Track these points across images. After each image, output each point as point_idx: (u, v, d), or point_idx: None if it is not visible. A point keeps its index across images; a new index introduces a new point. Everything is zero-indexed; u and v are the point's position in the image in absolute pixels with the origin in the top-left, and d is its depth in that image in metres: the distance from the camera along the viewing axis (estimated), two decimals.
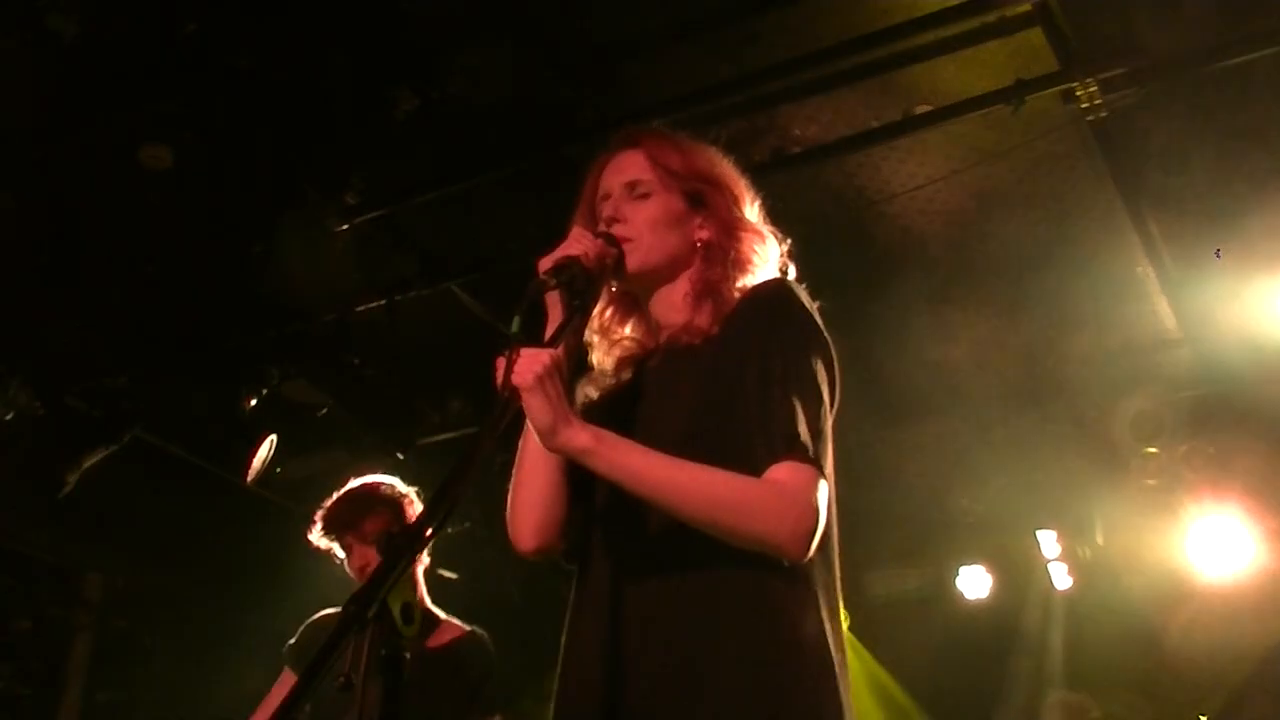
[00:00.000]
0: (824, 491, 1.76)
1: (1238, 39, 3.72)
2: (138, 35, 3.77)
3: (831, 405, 1.89)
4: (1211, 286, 4.85)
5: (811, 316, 1.92)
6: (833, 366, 1.91)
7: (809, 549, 1.73)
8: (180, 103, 3.97)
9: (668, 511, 1.76)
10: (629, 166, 2.08)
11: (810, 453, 1.76)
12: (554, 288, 1.88)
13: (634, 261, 2.00)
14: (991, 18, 3.72)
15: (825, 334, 1.92)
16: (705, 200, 2.06)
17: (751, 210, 2.11)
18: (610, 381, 2.08)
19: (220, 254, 4.67)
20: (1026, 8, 3.65)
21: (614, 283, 2.06)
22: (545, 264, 1.90)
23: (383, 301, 5.07)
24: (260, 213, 4.53)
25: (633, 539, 1.84)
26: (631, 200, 2.04)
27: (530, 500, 1.98)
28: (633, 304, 2.12)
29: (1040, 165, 4.44)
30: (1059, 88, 3.90)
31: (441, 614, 3.63)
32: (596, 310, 2.11)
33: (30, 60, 3.73)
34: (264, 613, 5.21)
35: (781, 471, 1.74)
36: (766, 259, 2.06)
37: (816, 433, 1.79)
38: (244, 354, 5.19)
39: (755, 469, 1.76)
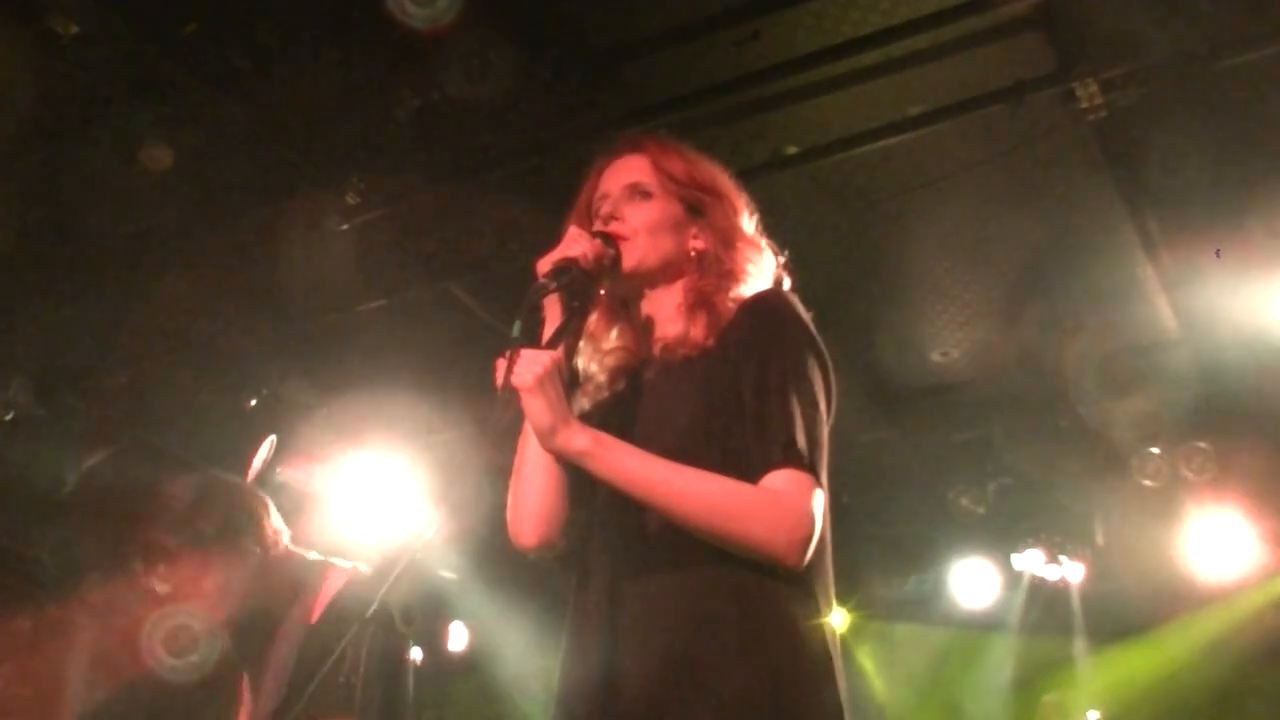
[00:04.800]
0: (820, 499, 1.77)
1: (1238, 39, 3.72)
2: (138, 35, 3.77)
3: (828, 413, 1.90)
4: (1211, 286, 4.86)
5: (807, 326, 1.92)
6: (829, 375, 1.92)
7: (804, 557, 1.74)
8: (180, 103, 3.97)
9: (664, 515, 1.77)
10: (631, 169, 2.08)
11: (807, 460, 1.76)
12: (554, 290, 1.89)
13: (628, 261, 2.00)
14: (991, 18, 3.72)
15: (820, 343, 1.92)
16: (704, 209, 2.06)
17: (749, 223, 2.11)
18: (605, 394, 2.07)
19: (220, 254, 4.67)
20: (1026, 8, 3.65)
21: (603, 286, 2.06)
22: (544, 266, 1.90)
23: (383, 301, 5.08)
24: (260, 213, 4.54)
25: (633, 539, 1.84)
26: (631, 201, 2.05)
27: (530, 499, 1.98)
28: (620, 308, 2.12)
29: (1040, 165, 4.44)
30: (1059, 88, 3.90)
31: None
32: None
33: (30, 60, 3.74)
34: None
35: (778, 479, 1.75)
36: (761, 270, 2.06)
37: (813, 440, 1.79)
38: (244, 354, 5.19)
39: (753, 477, 1.76)
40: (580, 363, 2.10)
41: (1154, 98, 3.93)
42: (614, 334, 2.11)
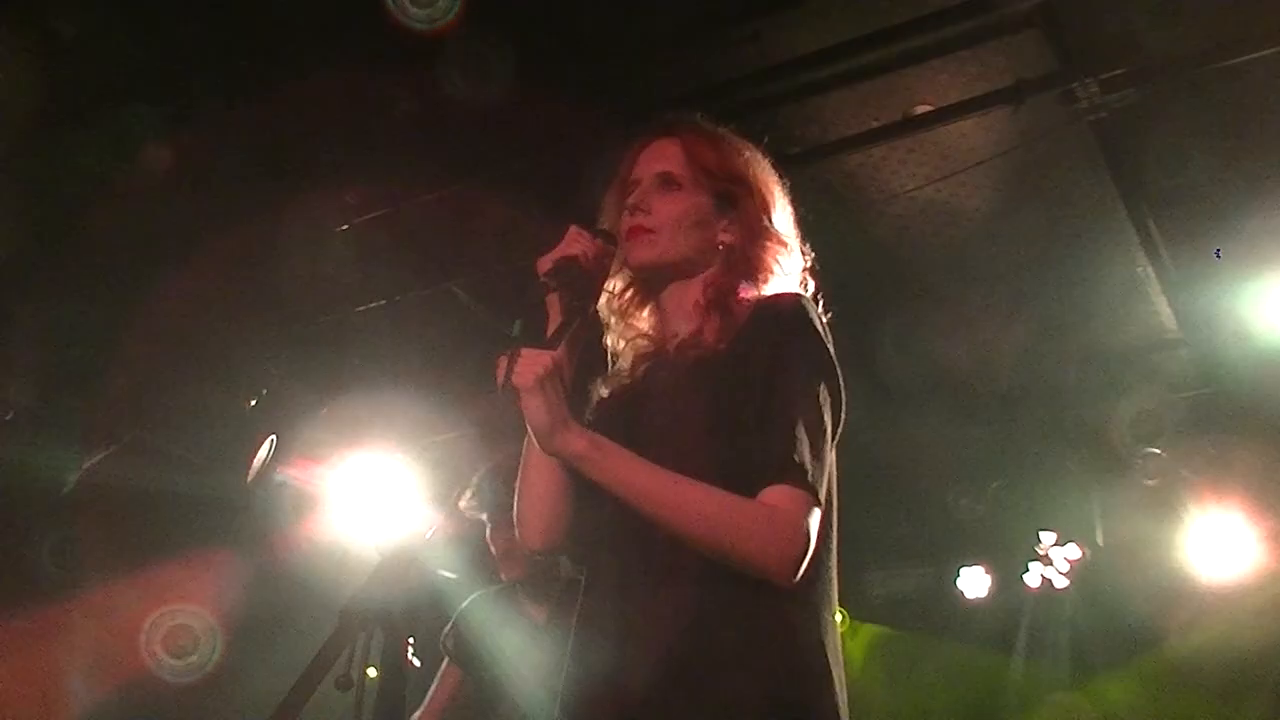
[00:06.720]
0: (816, 517, 1.75)
1: (1238, 39, 3.71)
2: (138, 35, 3.77)
3: (835, 432, 1.87)
4: (1211, 286, 4.86)
5: (822, 340, 1.88)
6: (838, 389, 1.88)
7: (796, 574, 1.72)
8: (180, 103, 3.97)
9: (658, 524, 1.75)
10: (663, 157, 2.05)
11: (808, 478, 1.74)
12: (554, 289, 1.89)
13: (651, 253, 1.99)
14: (991, 18, 3.72)
15: (834, 358, 1.88)
16: (735, 203, 2.03)
17: (781, 217, 2.08)
18: (623, 381, 2.06)
19: (220, 254, 4.67)
20: (1026, 8, 3.65)
21: (605, 284, 2.05)
22: (544, 265, 1.90)
23: (383, 301, 5.08)
24: (260, 213, 4.54)
25: (639, 542, 1.83)
26: (660, 192, 2.02)
27: (536, 500, 1.97)
28: (651, 290, 2.10)
29: (1040, 165, 4.44)
30: (1059, 88, 3.90)
31: None
32: (617, 290, 2.09)
33: (30, 60, 3.73)
34: (261, 613, 5.22)
35: (775, 495, 1.73)
36: (788, 270, 2.04)
37: (815, 457, 1.77)
38: (244, 354, 5.19)
39: (752, 490, 1.75)
40: (609, 340, 2.09)
41: (1154, 98, 3.93)
42: (645, 314, 2.10)
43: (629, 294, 2.10)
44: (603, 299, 2.07)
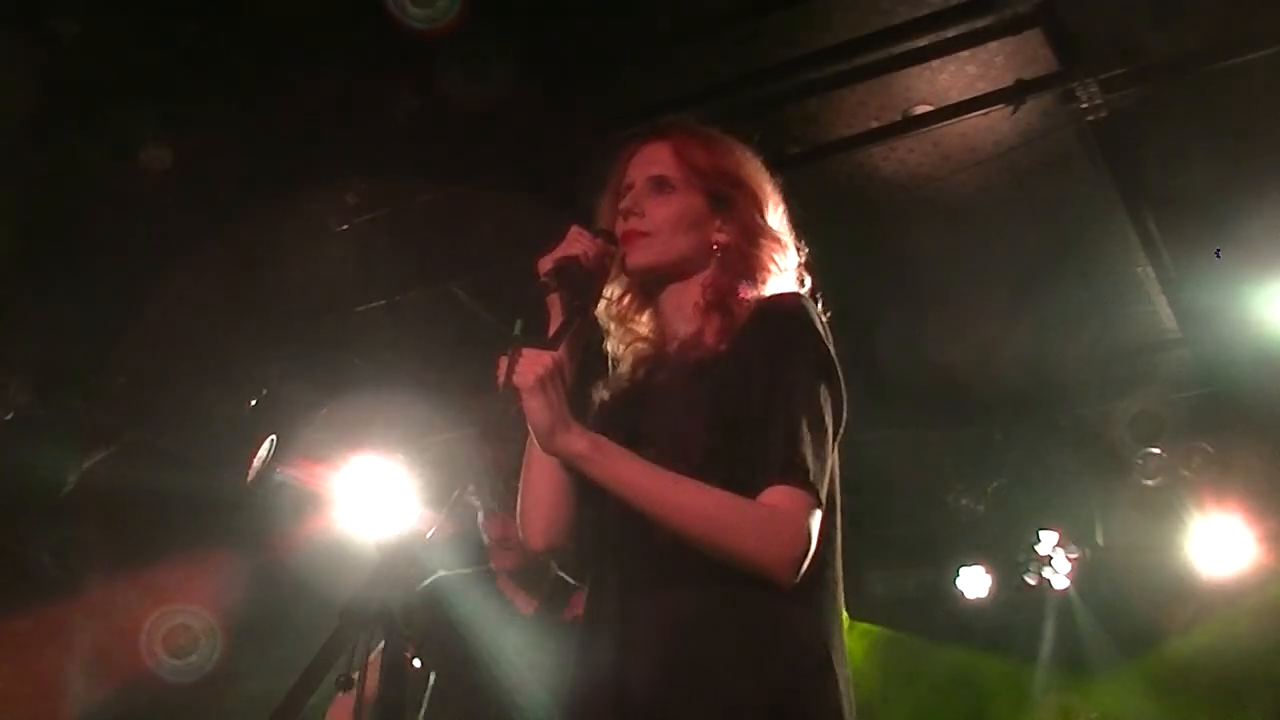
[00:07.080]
0: (818, 518, 1.75)
1: (1238, 39, 3.72)
2: (138, 35, 3.77)
3: (837, 432, 1.87)
4: (1211, 286, 4.86)
5: (823, 340, 1.88)
6: (839, 390, 1.88)
7: (796, 574, 1.72)
8: (180, 103, 3.97)
9: (658, 524, 1.75)
10: (655, 160, 2.05)
11: (809, 478, 1.74)
12: (555, 289, 1.88)
13: (648, 257, 1.99)
14: (991, 18, 3.72)
15: (835, 359, 1.88)
16: (728, 202, 2.02)
17: (775, 215, 2.08)
18: (624, 384, 2.06)
19: (220, 254, 4.67)
20: (1027, 8, 3.66)
21: (605, 284, 2.05)
22: (545, 265, 1.90)
23: (383, 302, 5.08)
24: (260, 213, 4.54)
25: (643, 542, 1.83)
26: (653, 195, 2.02)
27: (538, 500, 1.98)
28: (648, 294, 2.10)
29: (1040, 165, 4.44)
30: (1059, 88, 3.90)
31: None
32: (615, 295, 2.10)
33: (30, 60, 3.73)
34: (261, 613, 5.22)
35: (776, 495, 1.73)
36: (784, 268, 2.03)
37: (817, 458, 1.77)
38: (244, 354, 5.19)
39: (753, 491, 1.75)
40: (609, 345, 2.09)
41: (1154, 98, 3.93)
42: (644, 319, 2.10)
43: (627, 299, 2.10)
44: (601, 305, 2.06)
